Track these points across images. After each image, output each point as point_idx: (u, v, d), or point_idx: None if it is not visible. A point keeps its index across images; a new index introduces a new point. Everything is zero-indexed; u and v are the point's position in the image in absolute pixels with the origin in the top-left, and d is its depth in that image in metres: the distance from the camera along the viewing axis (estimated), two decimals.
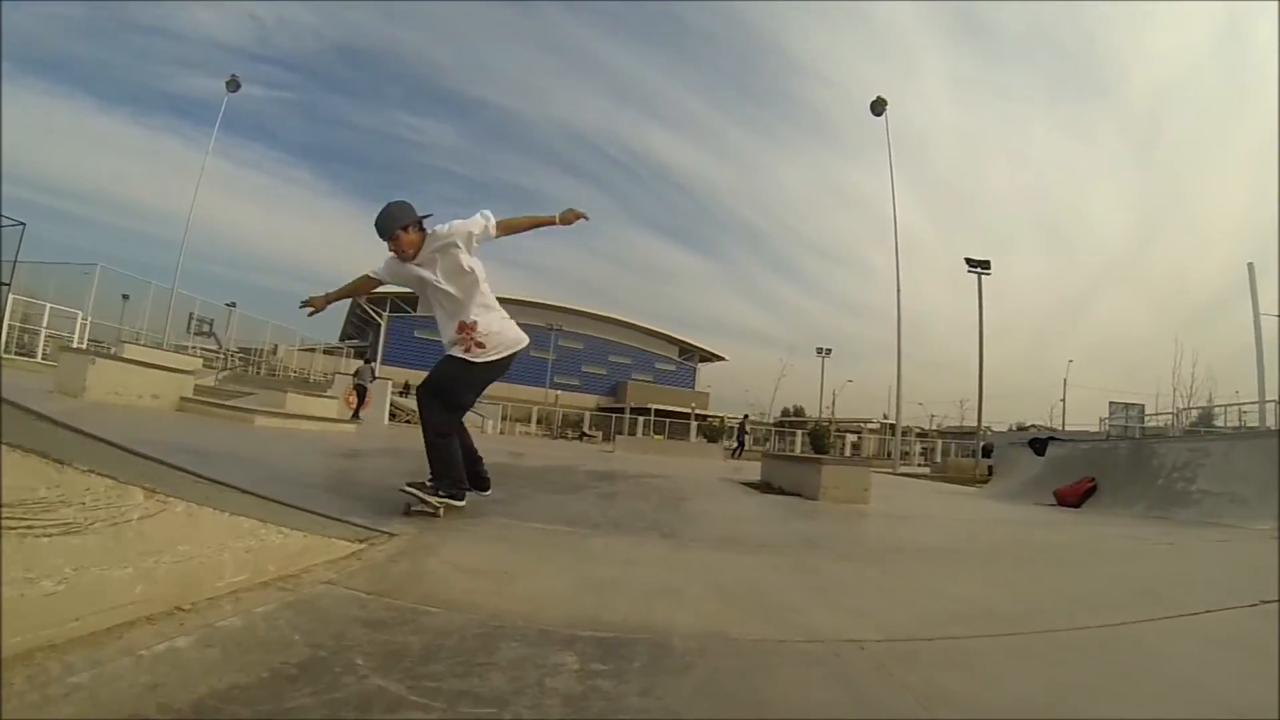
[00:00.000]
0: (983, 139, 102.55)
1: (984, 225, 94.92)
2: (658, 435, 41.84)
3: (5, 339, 20.51)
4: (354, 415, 21.54)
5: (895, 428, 26.40)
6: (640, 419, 46.76)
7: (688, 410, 49.93)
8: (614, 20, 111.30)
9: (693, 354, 70.55)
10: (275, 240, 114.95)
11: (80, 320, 23.43)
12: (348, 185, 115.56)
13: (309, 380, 32.32)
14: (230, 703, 1.24)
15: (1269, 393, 19.96)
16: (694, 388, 66.28)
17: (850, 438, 46.03)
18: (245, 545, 2.07)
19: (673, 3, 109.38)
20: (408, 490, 3.53)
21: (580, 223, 3.89)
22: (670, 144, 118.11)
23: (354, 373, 23.75)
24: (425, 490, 3.54)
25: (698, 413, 49.82)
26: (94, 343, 22.52)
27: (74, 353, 13.26)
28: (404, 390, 34.78)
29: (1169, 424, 26.01)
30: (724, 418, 49.20)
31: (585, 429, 43.55)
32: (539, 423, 45.66)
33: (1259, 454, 7.97)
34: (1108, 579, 3.50)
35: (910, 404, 49.07)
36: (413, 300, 60.81)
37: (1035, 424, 38.79)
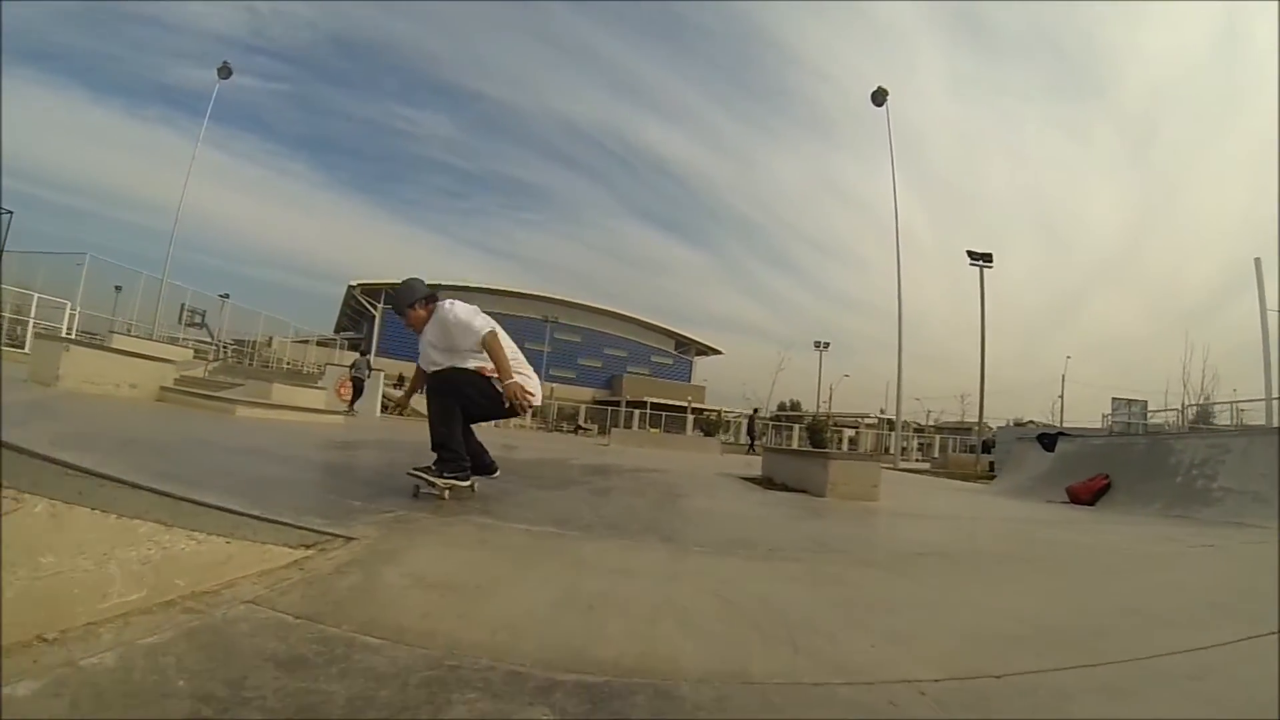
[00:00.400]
0: (979, 136, 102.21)
1: (980, 222, 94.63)
2: (654, 429, 41.43)
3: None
4: (349, 407, 21.23)
5: (895, 423, 26.01)
6: (636, 412, 46.37)
7: (684, 404, 49.46)
8: (611, 13, 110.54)
9: (689, 347, 70.16)
10: (270, 232, 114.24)
11: (69, 310, 22.87)
12: (343, 177, 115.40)
13: (302, 372, 31.83)
14: None
15: (1275, 389, 19.57)
16: (690, 381, 65.85)
17: (848, 432, 45.68)
18: (141, 555, 1.65)
19: None
20: (414, 474, 3.77)
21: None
22: (666, 137, 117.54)
23: (350, 365, 23.40)
24: (430, 473, 3.75)
25: (694, 406, 49.33)
26: (84, 333, 22.02)
27: (47, 340, 12.78)
28: (397, 382, 34.36)
29: (1174, 421, 25.65)
30: (720, 411, 48.83)
31: (581, 422, 43.16)
32: (534, 415, 45.16)
33: None
34: (1164, 588, 3.11)
35: (907, 399, 48.80)
36: None
37: (1032, 420, 38.45)
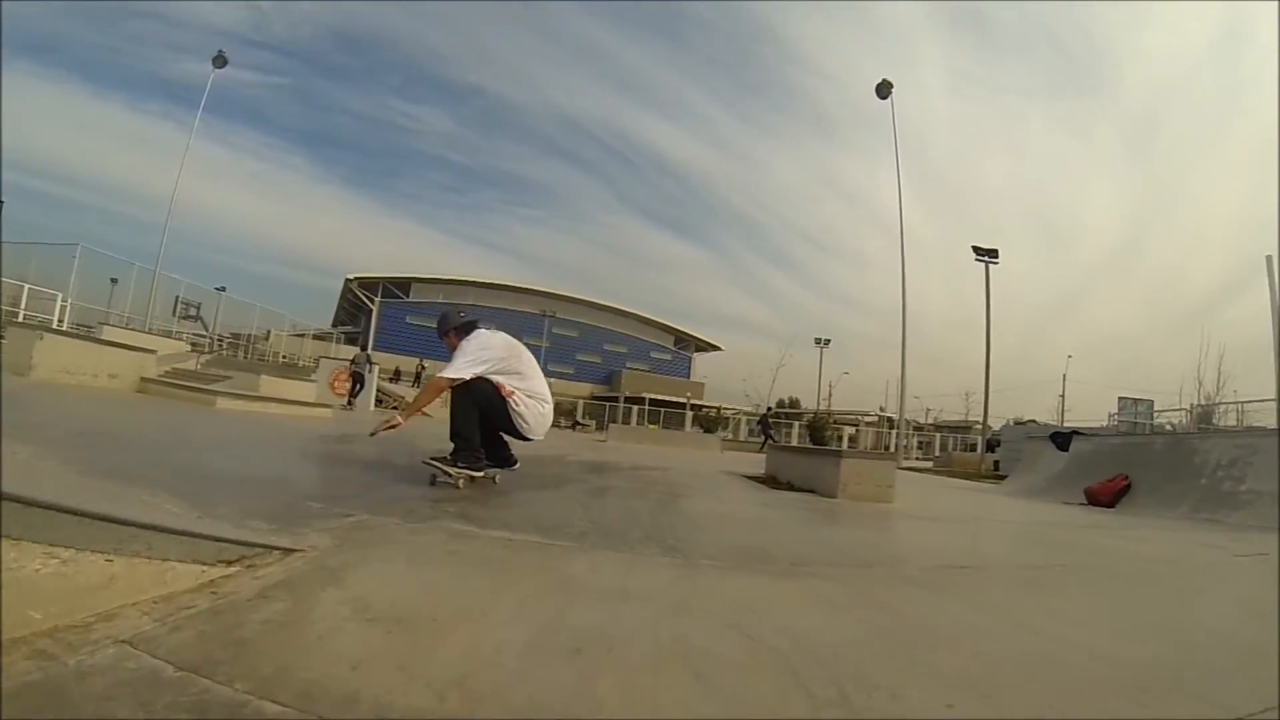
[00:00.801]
0: (980, 134, 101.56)
1: (980, 220, 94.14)
2: (652, 425, 41.02)
3: None
4: (348, 402, 21.38)
5: (899, 420, 25.60)
6: (635, 408, 45.97)
7: (683, 400, 49.08)
8: (612, 8, 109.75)
9: (688, 343, 69.76)
10: (270, 226, 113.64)
11: (60, 301, 22.33)
12: (343, 172, 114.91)
13: (298, 365, 31.35)
14: None
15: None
16: (689, 377, 65.46)
17: (848, 430, 45.27)
18: None
19: None
20: (430, 463, 4.08)
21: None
22: (666, 133, 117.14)
23: (351, 360, 23.47)
24: (446, 462, 4.05)
25: (693, 402, 48.96)
26: (79, 325, 21.51)
27: (20, 328, 12.31)
28: (393, 376, 33.98)
29: (1179, 421, 25.28)
30: (720, 408, 48.42)
31: (579, 417, 42.63)
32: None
33: None
34: (1247, 609, 2.67)
35: (906, 397, 48.42)
36: (405, 286, 60.03)
37: (1033, 419, 38.09)
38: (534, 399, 4.28)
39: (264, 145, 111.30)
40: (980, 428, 54.14)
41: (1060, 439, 10.79)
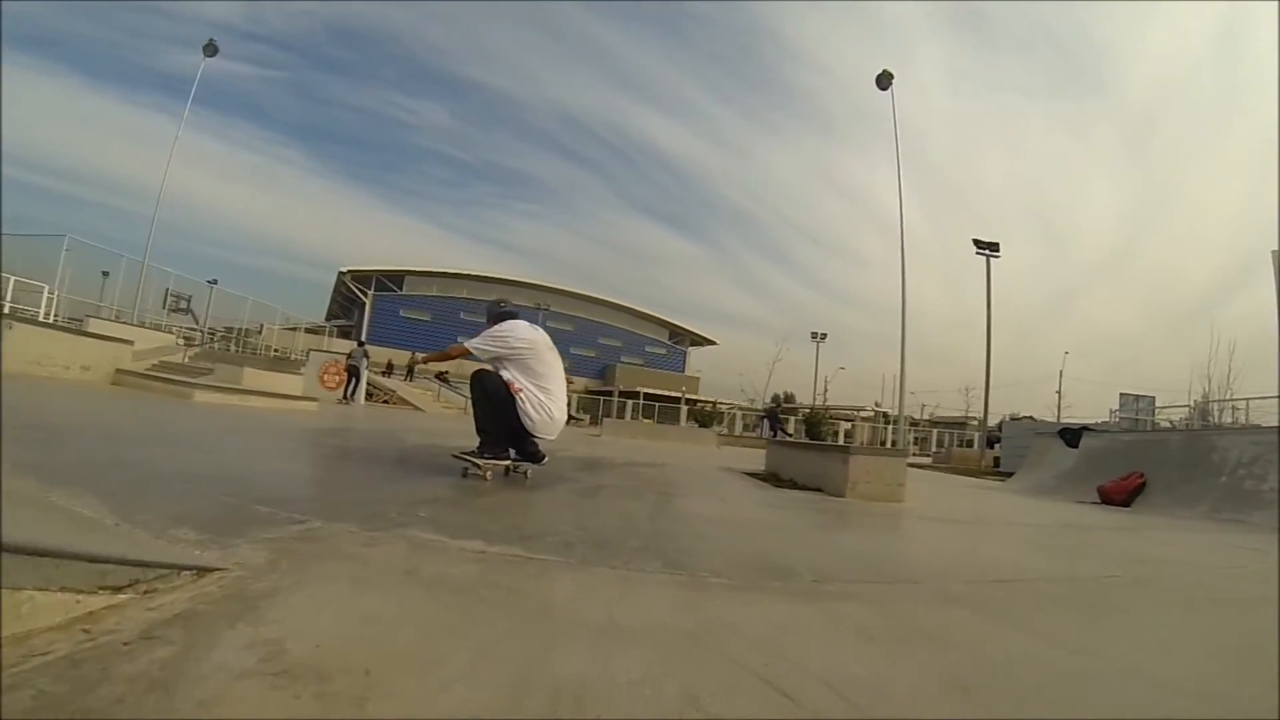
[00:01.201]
0: (978, 131, 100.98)
1: (977, 217, 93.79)
2: (647, 419, 40.63)
3: None
4: (344, 395, 21.52)
5: (899, 417, 25.27)
6: (629, 402, 45.54)
7: (678, 394, 48.64)
8: (611, 3, 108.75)
9: (683, 338, 69.35)
10: (266, 220, 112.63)
11: (46, 294, 21.75)
12: (339, 166, 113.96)
13: (290, 359, 30.89)
14: None
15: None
16: (684, 372, 65.06)
17: (844, 425, 44.91)
18: None
19: None
20: (459, 456, 4.38)
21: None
22: (664, 129, 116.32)
23: (348, 354, 23.36)
24: (474, 454, 4.32)
25: (688, 397, 48.49)
26: (69, 319, 20.99)
27: None
28: (386, 370, 33.46)
29: (1179, 418, 25.04)
30: (715, 402, 48.02)
31: (572, 411, 42.05)
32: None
33: None
34: None
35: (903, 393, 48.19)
36: (398, 279, 59.45)
37: (1030, 415, 37.81)
38: (542, 398, 4.47)
39: (260, 139, 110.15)
40: (976, 424, 54.04)
41: (1069, 435, 10.45)
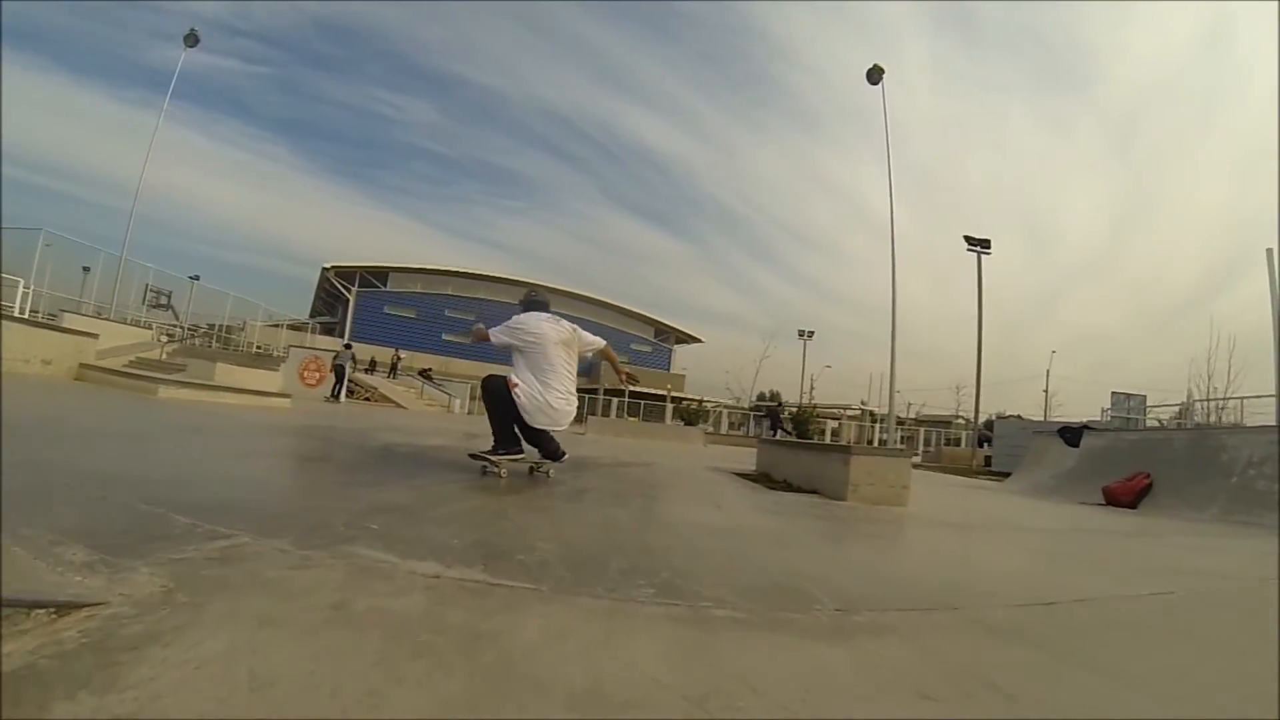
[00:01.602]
0: (963, 130, 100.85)
1: (961, 216, 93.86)
2: (632, 417, 40.19)
3: None
4: (332, 394, 21.50)
5: (889, 414, 24.98)
6: (614, 400, 45.00)
7: (663, 392, 48.17)
8: (600, 1, 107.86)
9: (669, 335, 68.85)
10: (251, 216, 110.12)
11: (21, 288, 20.97)
12: (325, 162, 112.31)
13: (272, 355, 30.21)
14: None
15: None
16: (670, 369, 64.60)
17: (830, 424, 44.65)
18: None
19: None
20: (476, 456, 4.61)
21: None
22: (650, 126, 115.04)
23: (334, 354, 23.31)
24: (488, 453, 4.55)
25: (674, 395, 48.03)
26: (44, 314, 20.25)
27: None
28: (369, 367, 32.82)
29: (1179, 415, 24.94)
30: (701, 400, 47.57)
31: None
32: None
33: None
34: None
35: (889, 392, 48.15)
36: (382, 276, 58.59)
37: (1018, 414, 37.72)
38: (540, 390, 4.58)
39: (246, 135, 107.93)
40: (963, 422, 54.06)
41: (1070, 434, 10.15)
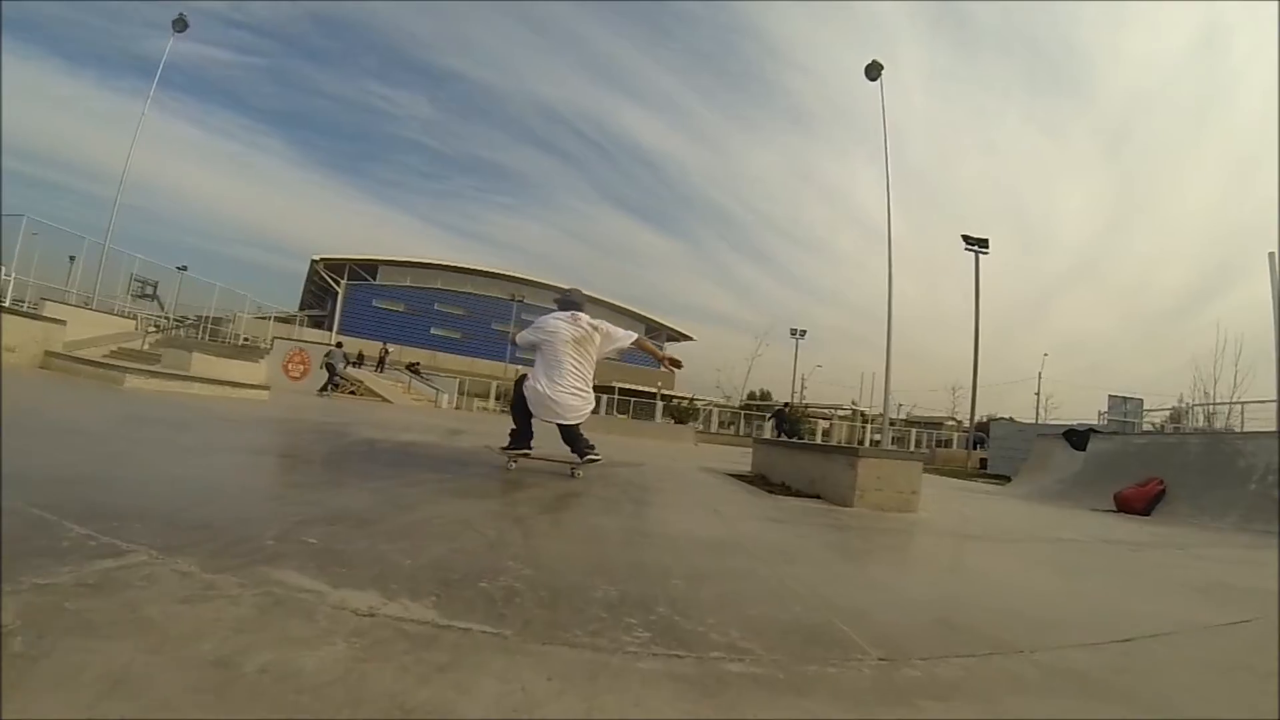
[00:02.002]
0: (955, 131, 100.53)
1: (952, 217, 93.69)
2: (621, 414, 39.75)
3: None
4: (324, 389, 21.41)
5: (884, 415, 24.64)
6: (604, 397, 44.57)
7: (653, 390, 47.74)
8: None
9: (660, 333, 68.31)
10: (243, 208, 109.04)
11: (2, 276, 20.31)
12: (317, 155, 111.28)
13: (259, 347, 29.55)
14: None
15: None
16: (660, 367, 64.06)
17: (822, 424, 44.36)
18: None
19: None
20: (500, 450, 5.14)
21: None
22: (644, 123, 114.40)
23: (326, 353, 22.97)
24: (505, 448, 5.07)
25: (664, 393, 47.62)
26: (26, 303, 19.61)
27: None
28: (356, 361, 32.21)
29: (1177, 420, 24.73)
30: (692, 398, 47.26)
31: None
32: (498, 398, 43.20)
33: None
34: None
35: (880, 392, 48.04)
36: (372, 269, 57.93)
37: (1010, 416, 37.53)
38: (542, 383, 4.82)
39: (240, 126, 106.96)
40: (955, 423, 53.92)
41: (1075, 438, 9.79)
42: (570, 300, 5.15)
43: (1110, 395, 24.33)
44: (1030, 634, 1.96)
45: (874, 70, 24.61)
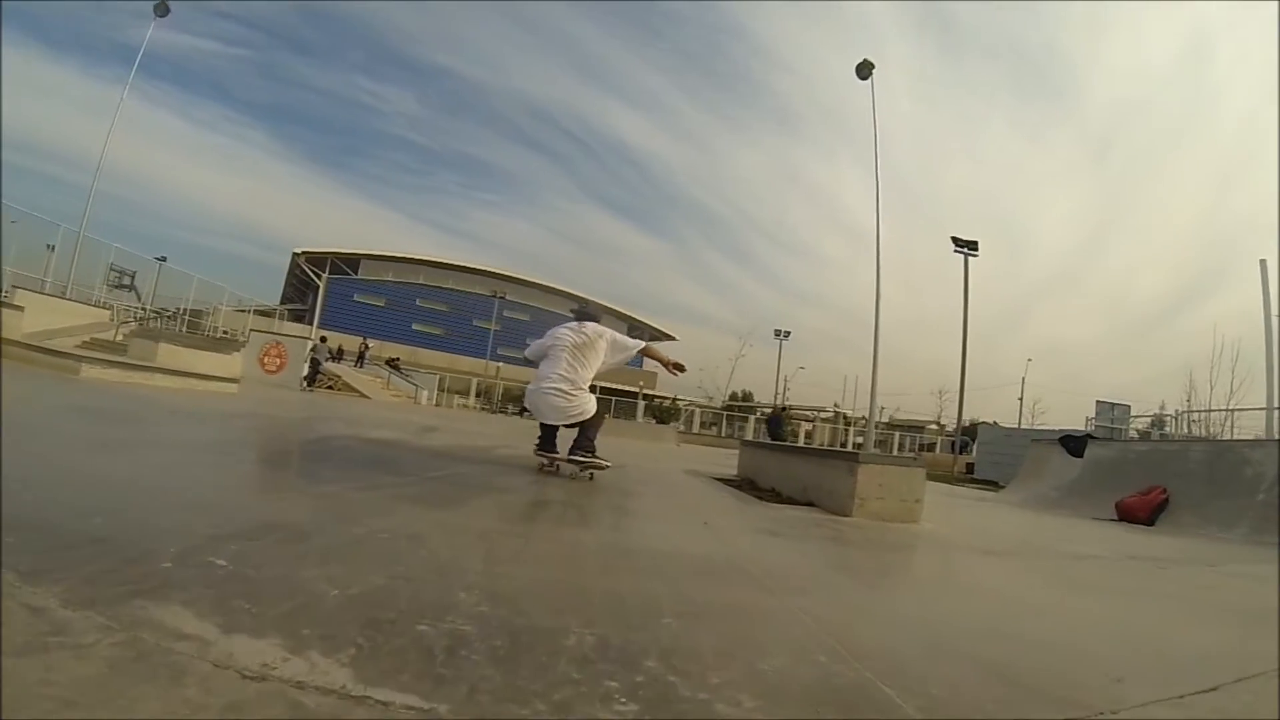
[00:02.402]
0: (939, 136, 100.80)
1: (934, 222, 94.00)
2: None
3: None
4: (306, 386, 21.46)
5: (869, 418, 24.40)
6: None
7: (635, 389, 47.38)
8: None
9: (642, 332, 67.97)
10: (227, 201, 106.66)
11: None
12: (303, 149, 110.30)
13: (233, 339, 28.79)
14: None
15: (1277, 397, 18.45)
16: (642, 366, 63.66)
17: (805, 426, 44.11)
18: None
19: None
20: (535, 451, 5.23)
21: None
22: (630, 122, 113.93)
23: (311, 347, 23.11)
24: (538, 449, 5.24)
25: (645, 392, 47.28)
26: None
27: None
28: (336, 355, 31.56)
29: (1167, 427, 24.70)
30: (674, 398, 46.91)
31: (527, 405, 40.60)
32: (479, 395, 42.65)
33: None
34: None
35: (862, 395, 48.06)
36: (354, 263, 57.10)
37: (995, 420, 37.49)
38: (535, 386, 5.14)
39: (225, 118, 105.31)
40: (936, 427, 53.94)
41: (1073, 443, 9.52)
42: (585, 311, 5.38)
43: (1098, 401, 24.21)
44: (1102, 689, 1.59)
45: (865, 69, 24.35)
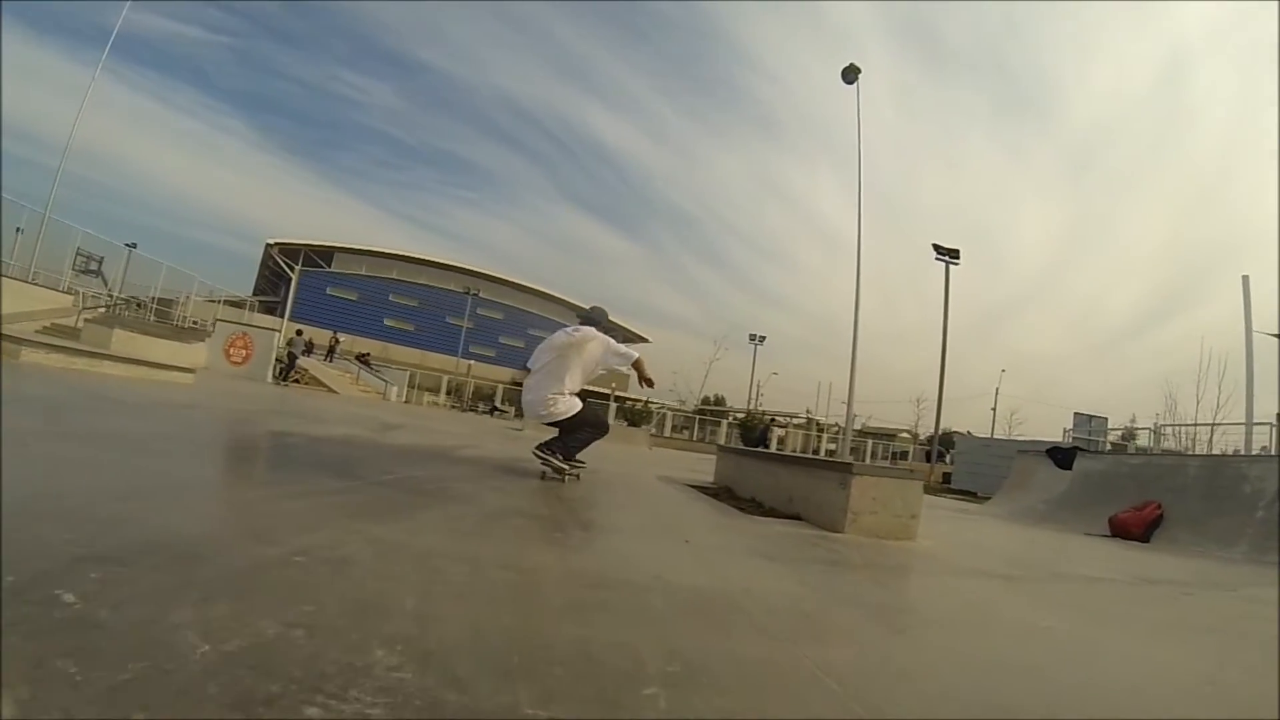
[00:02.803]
0: (920, 148, 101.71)
1: (910, 233, 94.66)
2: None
3: None
4: (285, 379, 21.97)
5: (846, 425, 24.17)
6: None
7: (607, 391, 46.83)
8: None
9: (616, 333, 67.41)
10: (201, 189, 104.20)
11: None
12: (279, 139, 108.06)
13: (198, 329, 27.85)
14: None
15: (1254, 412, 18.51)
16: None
17: (777, 432, 43.79)
18: None
19: None
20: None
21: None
22: (610, 124, 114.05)
23: (288, 341, 23.78)
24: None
25: (617, 394, 46.71)
26: None
27: None
28: (306, 349, 30.71)
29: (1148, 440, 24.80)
30: (646, 401, 46.40)
31: (497, 403, 39.93)
32: (449, 393, 41.82)
33: None
34: None
35: (835, 402, 48.13)
36: (327, 256, 56.00)
37: (969, 430, 37.59)
38: (524, 388, 5.13)
39: (201, 104, 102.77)
40: (908, 436, 54.09)
41: (1061, 455, 9.27)
42: (590, 317, 5.41)
43: (1076, 413, 24.20)
44: None
45: (851, 73, 24.21)
